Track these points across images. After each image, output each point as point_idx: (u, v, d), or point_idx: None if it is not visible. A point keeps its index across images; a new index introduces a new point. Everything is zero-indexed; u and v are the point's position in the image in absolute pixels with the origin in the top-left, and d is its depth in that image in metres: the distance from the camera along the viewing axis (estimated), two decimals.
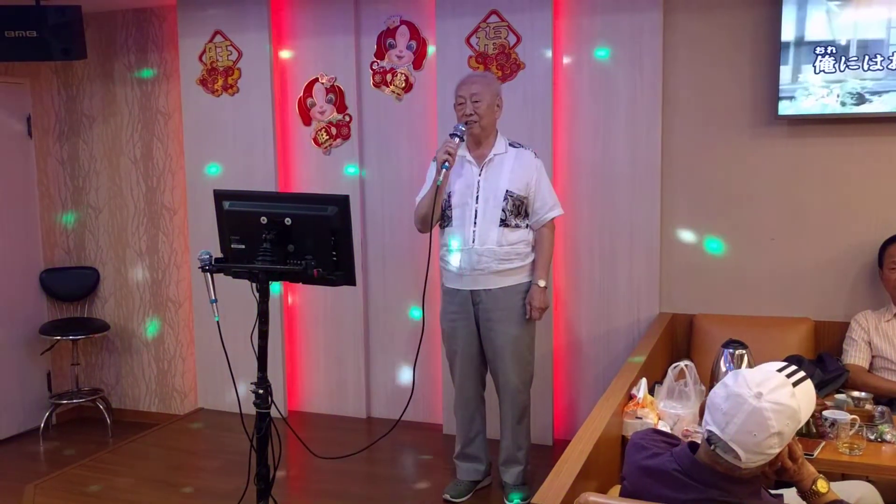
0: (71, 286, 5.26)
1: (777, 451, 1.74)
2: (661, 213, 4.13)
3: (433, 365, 4.56)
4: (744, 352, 3.04)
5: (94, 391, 5.26)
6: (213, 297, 2.97)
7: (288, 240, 2.88)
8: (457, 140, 3.44)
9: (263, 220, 2.89)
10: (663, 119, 4.08)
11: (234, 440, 4.43)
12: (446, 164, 3.39)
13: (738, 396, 1.72)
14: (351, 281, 2.93)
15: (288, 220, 2.86)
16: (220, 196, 3.06)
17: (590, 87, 4.20)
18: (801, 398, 1.72)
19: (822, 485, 1.85)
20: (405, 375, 4.72)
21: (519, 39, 4.23)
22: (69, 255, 5.38)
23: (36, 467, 4.49)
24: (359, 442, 4.46)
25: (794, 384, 1.72)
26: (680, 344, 4.09)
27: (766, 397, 1.70)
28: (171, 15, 4.93)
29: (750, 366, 3.02)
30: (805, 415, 1.74)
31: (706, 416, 1.79)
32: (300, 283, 3.23)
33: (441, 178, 3.40)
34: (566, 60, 4.24)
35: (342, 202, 2.85)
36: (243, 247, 2.99)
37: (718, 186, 4.04)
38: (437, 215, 3.55)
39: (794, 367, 1.78)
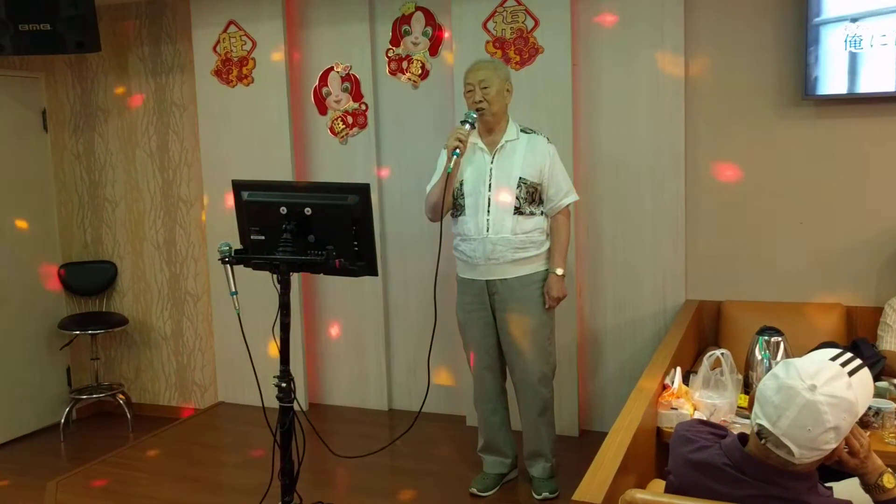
0: (89, 281, 5.23)
1: (833, 446, 1.65)
2: (686, 198, 4.04)
3: (455, 355, 4.49)
4: (780, 339, 2.96)
5: (114, 386, 5.24)
6: (234, 290, 2.94)
7: (308, 230, 2.85)
8: (467, 126, 3.35)
9: (283, 210, 2.86)
10: (687, 101, 3.99)
11: (256, 434, 4.40)
12: (457, 151, 3.31)
13: (791, 389, 1.62)
14: (373, 271, 2.89)
15: (308, 210, 2.83)
16: (238, 186, 3.04)
17: (610, 71, 4.11)
18: (859, 389, 1.63)
19: (888, 479, 1.76)
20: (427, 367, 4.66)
21: (537, 23, 4.14)
22: (87, 250, 5.35)
23: (57, 463, 4.47)
24: (381, 435, 4.42)
25: (851, 373, 1.64)
26: (707, 332, 4.01)
27: (820, 390, 1.60)
28: (185, 6, 4.87)
29: (787, 354, 2.94)
30: (863, 406, 1.65)
31: (756, 408, 1.70)
32: (321, 275, 3.20)
33: (451, 165, 3.32)
34: (586, 44, 4.14)
35: (363, 191, 2.82)
36: (263, 238, 2.96)
37: (744, 169, 3.95)
38: (447, 204, 3.48)
39: (849, 355, 1.69)
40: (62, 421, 4.94)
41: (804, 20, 3.65)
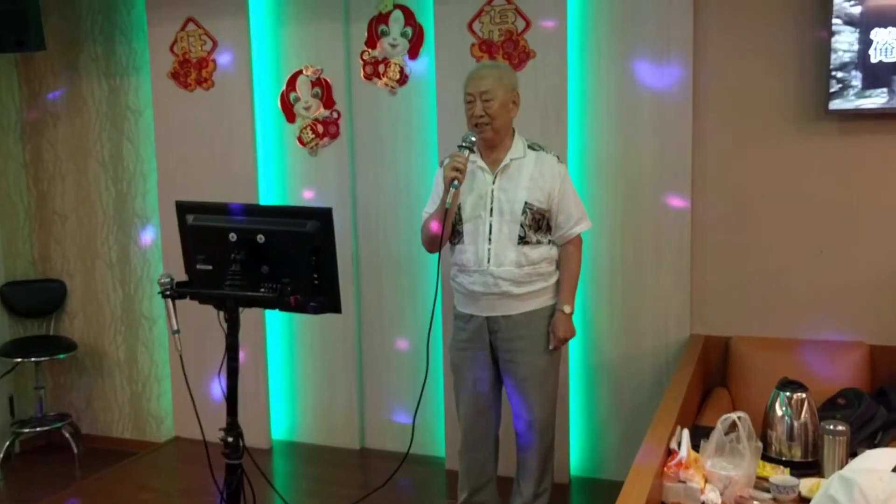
0: (35, 301, 4.78)
1: None
2: (692, 222, 3.67)
3: (434, 393, 4.07)
4: (803, 395, 2.56)
5: (62, 416, 4.79)
6: (176, 328, 2.65)
7: (261, 260, 2.53)
8: (466, 153, 2.97)
9: (233, 237, 2.54)
10: (694, 113, 3.61)
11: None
12: (455, 182, 2.92)
13: None
14: (336, 308, 2.63)
15: (261, 238, 2.52)
16: (183, 209, 2.76)
17: (609, 78, 3.73)
18: None
19: None
20: (404, 402, 4.23)
21: (528, 24, 3.75)
22: (33, 267, 4.90)
23: None
24: (352, 478, 3.99)
25: None
26: (714, 370, 3.62)
27: None
28: (140, 1, 4.44)
29: (812, 412, 2.54)
30: None
31: None
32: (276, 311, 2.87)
33: (450, 199, 2.94)
34: (582, 47, 3.76)
35: (324, 216, 2.49)
36: (210, 268, 2.63)
37: (758, 191, 3.58)
38: (447, 236, 3.09)
39: None
40: (2, 456, 4.50)
41: (828, 25, 3.29)
